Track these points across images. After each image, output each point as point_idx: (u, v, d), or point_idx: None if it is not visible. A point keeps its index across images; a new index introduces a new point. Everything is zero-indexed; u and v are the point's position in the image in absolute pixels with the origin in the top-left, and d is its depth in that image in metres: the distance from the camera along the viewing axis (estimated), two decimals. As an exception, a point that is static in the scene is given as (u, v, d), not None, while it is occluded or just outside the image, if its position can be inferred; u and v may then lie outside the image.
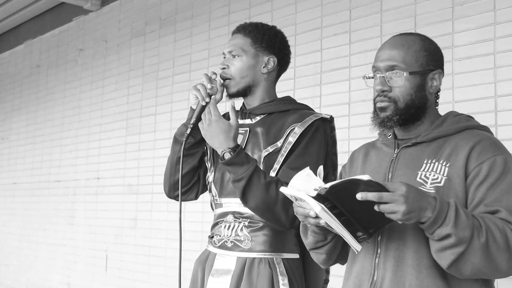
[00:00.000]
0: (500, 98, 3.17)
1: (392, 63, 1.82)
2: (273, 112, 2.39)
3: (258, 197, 2.16)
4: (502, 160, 1.72)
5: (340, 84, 3.99)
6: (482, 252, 1.59)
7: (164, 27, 5.65)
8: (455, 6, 3.43)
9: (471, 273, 1.64)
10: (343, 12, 4.03)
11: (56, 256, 6.82)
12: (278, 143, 2.29)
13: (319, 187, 1.62)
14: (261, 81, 2.40)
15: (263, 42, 2.38)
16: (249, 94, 2.41)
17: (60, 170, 6.90)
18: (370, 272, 1.80)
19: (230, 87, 2.38)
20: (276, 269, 2.24)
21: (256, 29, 2.41)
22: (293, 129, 2.28)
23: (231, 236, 2.33)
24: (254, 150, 2.33)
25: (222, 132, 2.18)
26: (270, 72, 2.41)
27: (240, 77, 2.36)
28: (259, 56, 2.38)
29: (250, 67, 2.37)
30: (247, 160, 2.18)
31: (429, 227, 1.61)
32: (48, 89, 7.32)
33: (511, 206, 1.66)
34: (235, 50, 2.37)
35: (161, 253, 5.29)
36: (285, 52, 2.46)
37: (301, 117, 2.32)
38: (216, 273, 2.32)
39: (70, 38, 7.04)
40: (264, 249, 2.27)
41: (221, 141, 2.19)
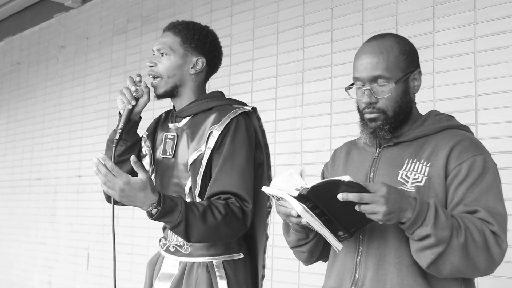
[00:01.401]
0: (480, 97, 3.20)
1: (375, 73, 1.80)
2: (197, 113, 2.34)
3: (200, 230, 2.09)
4: (481, 160, 1.74)
5: (322, 83, 4.00)
6: (461, 252, 1.61)
7: (146, 25, 5.63)
8: (435, 6, 3.45)
9: (450, 273, 1.65)
10: (325, 10, 4.04)
11: (37, 255, 6.78)
12: (201, 147, 2.23)
13: (301, 187, 1.62)
14: (188, 82, 2.34)
15: (192, 42, 2.33)
16: (177, 95, 2.35)
17: (41, 168, 6.86)
18: (352, 270, 1.81)
19: (158, 88, 2.32)
20: (215, 273, 2.21)
21: (186, 29, 2.35)
22: (211, 132, 2.22)
23: (173, 241, 2.32)
24: (182, 157, 2.29)
25: (139, 191, 2.00)
26: (198, 73, 2.35)
27: (167, 76, 2.31)
28: (188, 56, 2.33)
29: (178, 67, 2.31)
30: (174, 203, 2.06)
31: (409, 228, 1.62)
32: (29, 87, 7.27)
33: (490, 206, 1.68)
34: (164, 48, 2.32)
35: (143, 251, 5.28)
36: (215, 53, 2.40)
37: (219, 117, 2.25)
38: (161, 277, 2.32)
39: (51, 35, 6.99)
40: (203, 253, 2.24)
41: (142, 200, 2.02)
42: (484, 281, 3.07)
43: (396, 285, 1.72)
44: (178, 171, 2.30)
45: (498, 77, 3.15)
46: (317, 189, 1.59)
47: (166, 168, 2.36)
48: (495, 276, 3.05)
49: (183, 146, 2.30)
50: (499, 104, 3.13)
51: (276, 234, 3.53)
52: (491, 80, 3.17)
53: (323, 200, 1.61)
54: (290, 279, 3.99)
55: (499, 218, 1.68)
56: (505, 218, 1.71)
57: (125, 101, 2.28)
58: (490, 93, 3.17)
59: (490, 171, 1.74)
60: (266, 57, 4.39)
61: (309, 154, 4.01)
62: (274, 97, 4.28)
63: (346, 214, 1.63)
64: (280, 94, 4.26)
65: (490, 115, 3.16)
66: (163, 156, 2.37)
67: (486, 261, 1.64)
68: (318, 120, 3.99)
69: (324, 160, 3.81)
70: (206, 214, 2.09)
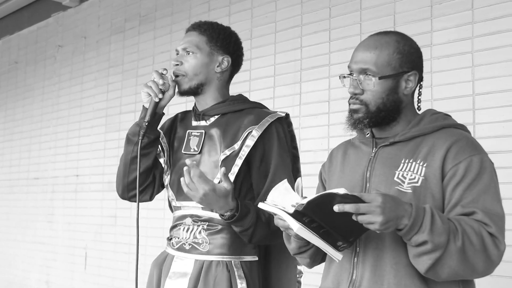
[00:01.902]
0: (478, 96, 3.20)
1: (364, 66, 1.81)
2: (227, 113, 2.36)
3: (264, 235, 2.21)
4: (478, 161, 1.73)
5: (319, 82, 4.00)
6: (458, 255, 1.61)
7: (143, 24, 5.62)
8: (433, 5, 3.45)
9: (448, 276, 1.65)
10: (323, 10, 4.04)
11: (35, 254, 6.78)
12: (235, 145, 2.26)
13: (296, 203, 1.63)
14: (213, 80, 2.36)
15: (218, 41, 2.35)
16: (201, 93, 2.36)
17: (39, 167, 6.85)
18: (349, 271, 1.81)
19: (182, 84, 2.34)
20: (234, 272, 2.22)
21: (211, 28, 2.38)
22: (251, 131, 2.25)
23: (189, 238, 2.31)
24: (211, 153, 2.30)
25: (221, 198, 2.09)
26: (223, 71, 2.37)
27: (193, 74, 2.32)
28: (214, 55, 2.34)
29: (204, 65, 2.33)
30: (247, 209, 2.16)
31: (406, 234, 1.62)
32: (27, 86, 7.26)
33: (487, 207, 1.68)
34: (190, 47, 2.33)
35: (141, 251, 5.25)
36: (238, 53, 2.43)
37: (258, 119, 2.29)
38: (173, 276, 2.31)
39: (48, 34, 6.98)
40: (222, 252, 2.25)
41: (221, 205, 2.12)
42: (481, 280, 3.07)
43: (393, 285, 1.71)
44: (205, 167, 2.30)
45: (495, 77, 3.15)
46: (312, 204, 1.59)
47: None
48: (492, 276, 3.04)
49: (213, 143, 2.31)
50: (497, 104, 3.13)
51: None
52: (488, 80, 3.18)
53: (320, 213, 1.61)
54: (288, 279, 3.98)
55: (496, 219, 1.67)
56: (503, 218, 1.71)
57: (151, 94, 2.29)
58: (487, 92, 3.17)
59: (487, 171, 1.73)
60: (264, 56, 4.39)
61: (307, 153, 4.00)
62: (272, 96, 4.28)
63: (343, 225, 1.63)
64: (277, 93, 4.27)
65: (487, 114, 3.16)
66: (185, 152, 2.38)
67: (484, 263, 1.64)
68: (315, 120, 4.00)
69: (321, 159, 3.81)
70: (271, 220, 2.15)
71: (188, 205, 2.33)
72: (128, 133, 2.41)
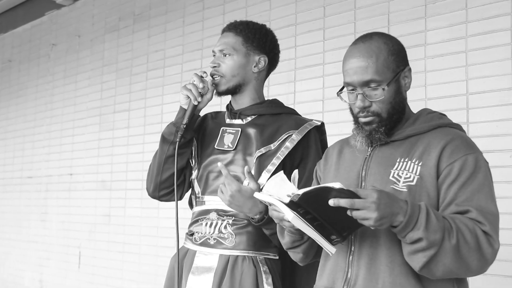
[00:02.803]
0: (472, 95, 3.21)
1: (366, 77, 1.79)
2: (264, 114, 2.39)
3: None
4: (473, 159, 1.74)
5: (314, 81, 4.00)
6: (453, 253, 1.62)
7: (138, 23, 5.61)
8: (427, 4, 3.46)
9: (442, 274, 1.66)
10: (317, 9, 4.05)
11: (28, 253, 6.76)
12: (271, 145, 2.29)
13: (292, 193, 1.63)
14: (251, 80, 2.39)
15: (254, 41, 2.37)
16: (239, 92, 2.40)
17: (32, 166, 6.84)
18: (344, 269, 1.81)
19: (220, 85, 2.36)
20: (260, 267, 2.24)
21: (247, 28, 2.39)
22: (291, 135, 2.30)
23: (214, 233, 2.31)
24: (246, 151, 2.32)
25: (248, 199, 2.13)
26: (260, 71, 2.40)
27: (231, 76, 2.35)
28: (250, 55, 2.37)
29: (241, 66, 2.35)
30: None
31: (401, 231, 1.62)
32: (20, 84, 7.24)
33: (482, 206, 1.69)
34: (227, 48, 2.35)
35: (135, 250, 5.27)
36: (275, 51, 2.46)
37: (297, 124, 2.33)
38: (196, 271, 2.30)
39: (42, 32, 6.96)
40: (248, 247, 2.26)
41: (250, 207, 2.16)
42: (475, 278, 3.08)
43: (388, 284, 1.72)
44: (238, 165, 2.32)
45: (489, 76, 3.16)
46: (308, 196, 1.59)
47: (219, 160, 2.38)
48: (486, 274, 3.05)
49: (249, 141, 2.34)
50: (490, 103, 3.14)
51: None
52: (482, 79, 3.18)
53: (314, 206, 1.61)
54: (282, 277, 3.99)
55: (490, 218, 1.68)
56: (497, 217, 1.72)
57: (191, 97, 2.31)
58: (481, 91, 3.18)
59: (482, 170, 1.74)
60: (258, 55, 4.39)
61: (301, 152, 4.01)
62: (266, 95, 4.25)
63: (338, 219, 1.63)
64: (272, 92, 4.26)
65: (481, 113, 3.17)
66: (218, 148, 2.39)
67: (479, 261, 1.65)
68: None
69: (316, 158, 3.82)
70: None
71: (214, 200, 2.34)
72: (163, 132, 2.42)
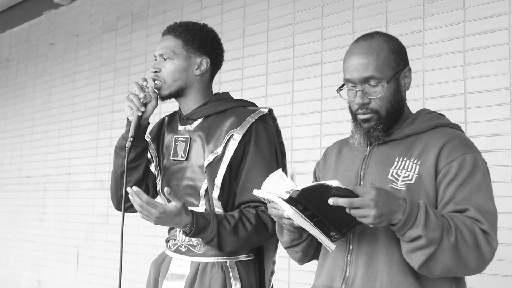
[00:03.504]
0: (470, 95, 3.21)
1: (366, 74, 1.79)
2: (210, 115, 2.33)
3: (233, 242, 2.18)
4: (471, 159, 1.74)
5: (312, 81, 4.00)
6: (451, 251, 1.62)
7: (136, 22, 5.61)
8: (425, 4, 3.46)
9: (441, 272, 1.66)
10: (315, 8, 4.05)
11: (26, 253, 6.76)
12: (218, 150, 2.23)
13: (291, 190, 1.63)
14: (194, 83, 2.32)
15: (194, 43, 2.30)
16: (182, 95, 2.33)
17: (30, 165, 6.83)
18: (343, 268, 1.82)
19: (162, 90, 2.30)
20: (229, 273, 2.22)
21: (187, 30, 2.31)
22: (232, 135, 2.23)
23: (185, 241, 2.30)
24: (197, 159, 2.28)
25: (174, 217, 2.08)
26: (203, 73, 2.33)
27: (172, 80, 2.28)
28: (191, 58, 2.30)
29: (183, 70, 2.29)
30: (207, 221, 2.14)
31: (399, 229, 1.62)
32: (18, 84, 7.24)
33: (480, 205, 1.69)
34: (166, 52, 2.28)
35: (133, 249, 5.27)
36: (217, 51, 2.38)
37: (238, 120, 2.25)
38: (170, 277, 2.31)
39: (40, 32, 6.96)
40: (217, 253, 2.24)
41: (177, 223, 2.12)
42: (473, 278, 3.08)
43: (386, 282, 1.73)
44: (193, 173, 2.29)
45: (487, 76, 3.17)
46: (306, 192, 1.59)
47: (176, 170, 2.35)
48: (483, 273, 3.06)
49: (198, 148, 2.29)
50: (488, 102, 3.15)
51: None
52: (480, 79, 3.19)
53: (313, 202, 1.61)
54: (281, 277, 3.99)
55: (489, 217, 1.68)
56: (495, 216, 1.72)
57: (134, 108, 2.26)
58: (479, 91, 3.19)
59: (480, 169, 1.74)
60: (256, 55, 4.39)
61: (299, 152, 4.01)
62: (264, 95, 4.28)
63: (336, 216, 1.64)
64: (270, 92, 4.27)
65: (479, 113, 3.17)
66: (173, 159, 2.36)
67: (477, 259, 1.65)
68: (308, 118, 4.00)
69: (314, 158, 3.82)
70: (238, 227, 2.17)
71: None
72: (115, 147, 2.38)
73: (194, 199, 2.28)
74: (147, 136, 2.46)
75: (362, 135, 1.86)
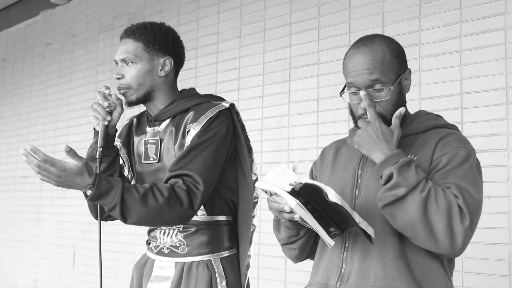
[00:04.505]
0: (466, 95, 3.22)
1: (372, 79, 1.79)
2: (177, 114, 2.29)
3: (140, 213, 2.05)
4: (464, 152, 1.76)
5: (308, 81, 4.00)
6: (419, 205, 1.64)
7: (132, 22, 5.59)
8: (422, 4, 3.46)
9: (404, 224, 1.67)
10: (312, 8, 4.05)
11: (22, 253, 6.75)
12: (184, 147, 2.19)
13: (294, 182, 1.64)
14: (160, 85, 2.28)
15: (155, 44, 2.25)
16: (150, 99, 2.29)
17: (26, 165, 6.76)
18: (338, 265, 1.83)
19: (128, 96, 2.26)
20: (215, 270, 2.21)
21: (146, 32, 2.27)
22: (189, 130, 2.19)
23: (167, 242, 2.29)
24: (169, 159, 2.25)
25: (76, 176, 1.96)
26: (168, 73, 2.29)
27: (138, 85, 2.24)
28: (154, 60, 2.26)
29: (147, 73, 2.24)
30: (111, 185, 2.01)
31: (380, 167, 1.71)
32: (15, 84, 7.23)
33: (462, 186, 1.69)
34: (128, 57, 2.23)
35: (129, 249, 5.26)
36: (179, 49, 2.34)
37: (196, 115, 2.21)
38: (155, 280, 2.29)
39: (37, 32, 6.95)
40: (201, 251, 2.23)
41: (79, 183, 1.97)
42: (468, 278, 3.09)
43: (380, 278, 1.73)
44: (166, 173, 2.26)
45: (483, 76, 3.17)
46: (308, 186, 1.61)
47: (150, 173, 2.32)
48: (479, 273, 3.07)
49: (169, 148, 2.26)
50: (485, 103, 3.15)
51: (263, 232, 3.53)
52: (476, 79, 3.19)
53: (315, 197, 1.63)
54: (277, 277, 3.99)
55: (468, 197, 1.67)
56: (477, 202, 1.70)
57: (99, 118, 2.21)
58: (475, 91, 3.19)
59: (471, 161, 1.76)
60: (253, 55, 4.39)
61: (295, 152, 4.01)
62: (261, 95, 4.28)
63: (336, 214, 1.65)
64: (266, 92, 4.27)
65: (475, 113, 3.18)
66: (145, 162, 2.33)
67: (445, 228, 1.63)
68: (304, 118, 4.00)
69: (311, 157, 3.82)
70: (147, 196, 2.04)
71: None
72: (86, 157, 2.25)
73: None
74: (117, 140, 2.41)
75: None
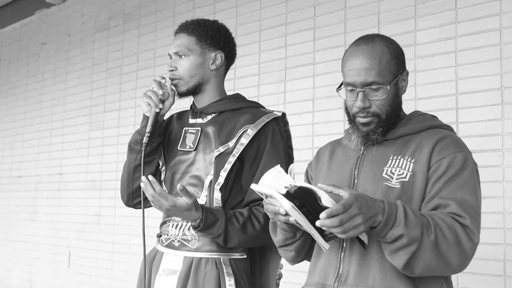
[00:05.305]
0: (461, 95, 3.22)
1: (369, 79, 1.80)
2: (224, 111, 2.38)
3: (240, 239, 2.23)
4: (461, 157, 1.76)
5: (304, 81, 4.01)
6: (432, 249, 1.62)
7: (128, 22, 5.60)
8: (417, 5, 3.47)
9: (422, 271, 1.66)
10: (308, 9, 4.05)
11: (17, 253, 6.73)
12: (229, 143, 2.28)
13: (290, 185, 1.64)
14: (210, 78, 2.39)
15: (207, 39, 2.36)
16: (199, 92, 2.39)
17: (22, 165, 6.81)
18: (336, 266, 1.82)
19: (179, 87, 2.36)
20: (223, 269, 2.24)
21: (199, 27, 2.38)
22: (246, 130, 2.29)
23: (178, 235, 2.32)
24: (205, 150, 2.32)
25: (184, 211, 2.16)
26: (218, 67, 2.40)
27: (190, 76, 2.35)
28: (206, 53, 2.36)
29: (199, 65, 2.35)
30: (215, 217, 2.20)
31: (381, 231, 1.62)
32: (10, 84, 7.21)
33: (463, 199, 1.69)
34: (181, 50, 2.35)
35: (125, 249, 5.26)
36: (230, 45, 2.45)
37: (253, 118, 2.32)
38: (163, 273, 2.32)
39: (32, 31, 6.94)
40: (211, 249, 2.27)
41: (187, 217, 2.19)
42: (463, 278, 3.10)
43: (379, 279, 1.73)
44: (200, 164, 2.32)
45: (479, 76, 3.18)
46: (303, 190, 1.61)
47: (183, 161, 2.38)
48: (475, 273, 3.07)
49: (208, 140, 2.33)
50: (480, 103, 3.16)
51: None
52: (472, 79, 3.20)
53: (309, 200, 1.62)
54: (272, 277, 3.99)
55: (471, 211, 1.68)
56: (478, 211, 1.72)
57: (152, 104, 2.31)
58: (471, 91, 3.20)
59: (469, 168, 1.76)
60: (249, 55, 4.39)
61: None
62: (257, 95, 4.28)
63: None
64: (262, 92, 4.27)
65: (471, 113, 3.19)
66: (180, 149, 2.40)
67: (458, 256, 1.65)
68: (300, 118, 4.00)
69: (306, 158, 3.83)
70: (246, 225, 2.23)
71: None
72: (130, 142, 2.42)
73: (197, 190, 2.31)
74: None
75: (360, 137, 1.87)
